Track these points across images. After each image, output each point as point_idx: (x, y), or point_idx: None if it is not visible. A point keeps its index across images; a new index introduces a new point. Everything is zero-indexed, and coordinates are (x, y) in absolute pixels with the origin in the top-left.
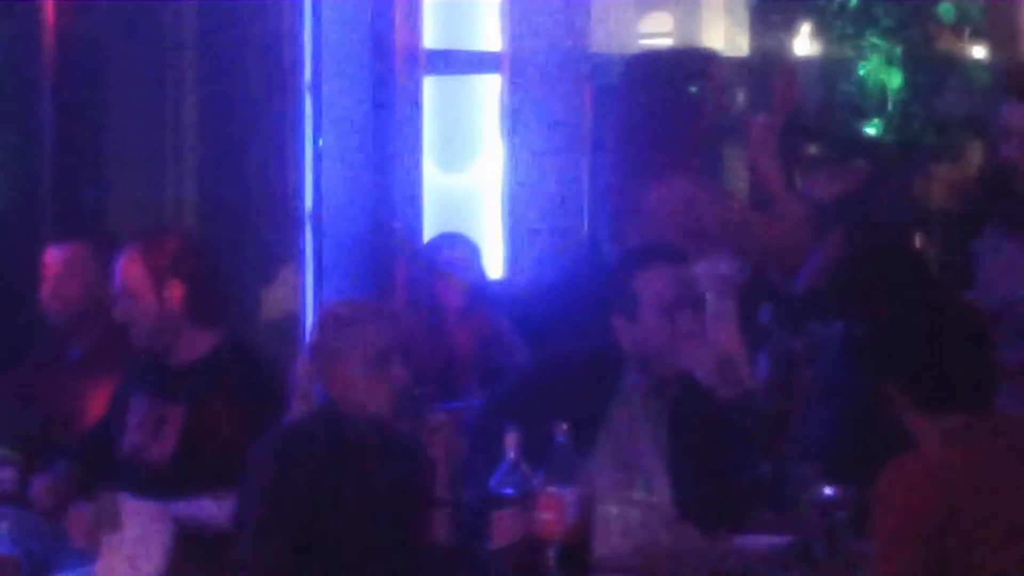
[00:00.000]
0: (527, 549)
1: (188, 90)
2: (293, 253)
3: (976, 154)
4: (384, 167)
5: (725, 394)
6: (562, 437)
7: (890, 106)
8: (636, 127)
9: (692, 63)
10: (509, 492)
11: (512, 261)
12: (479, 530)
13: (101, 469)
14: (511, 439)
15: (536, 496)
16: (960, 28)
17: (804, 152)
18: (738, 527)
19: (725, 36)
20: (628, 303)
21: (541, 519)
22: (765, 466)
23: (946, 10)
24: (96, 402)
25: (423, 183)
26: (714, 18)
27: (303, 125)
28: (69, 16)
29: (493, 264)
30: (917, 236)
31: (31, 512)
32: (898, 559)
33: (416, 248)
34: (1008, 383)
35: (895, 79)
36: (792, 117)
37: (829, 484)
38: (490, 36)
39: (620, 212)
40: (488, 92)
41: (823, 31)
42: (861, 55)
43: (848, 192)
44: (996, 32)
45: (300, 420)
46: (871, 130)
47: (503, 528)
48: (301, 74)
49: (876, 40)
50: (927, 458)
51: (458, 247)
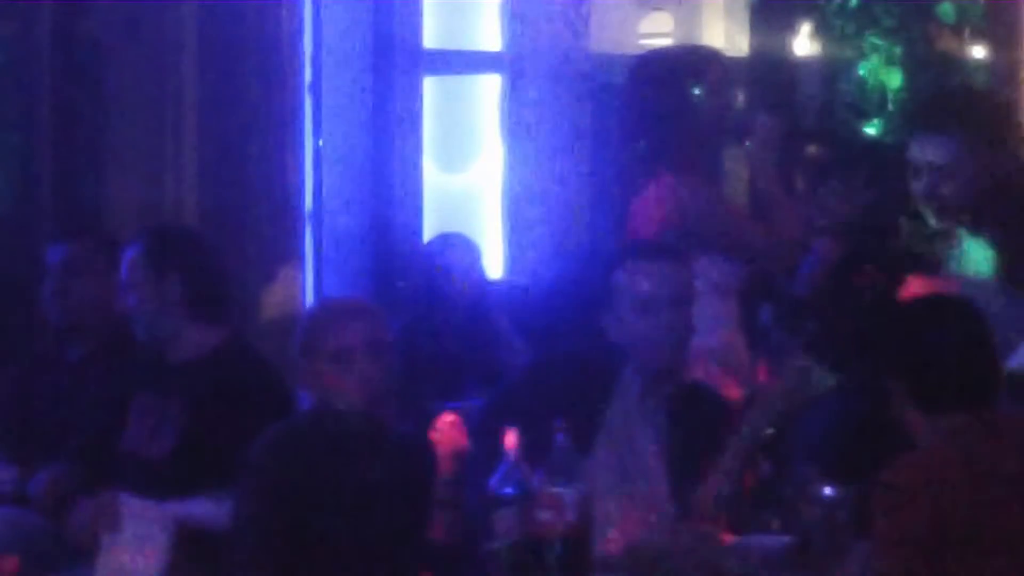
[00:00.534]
0: (527, 549)
1: (188, 90)
2: (293, 253)
3: None
4: (384, 167)
5: (726, 393)
6: (562, 437)
7: (890, 106)
8: (637, 127)
9: (694, 63)
10: (509, 492)
11: (512, 261)
12: (479, 530)
13: (101, 469)
14: (511, 439)
15: (536, 496)
16: (960, 28)
17: (804, 153)
18: (738, 527)
19: (725, 36)
20: (611, 301)
21: (541, 519)
22: (765, 466)
23: (946, 10)
24: (96, 402)
25: (423, 183)
26: (714, 18)
27: (303, 125)
28: (69, 16)
29: (493, 264)
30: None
31: (31, 512)
32: (897, 559)
33: (416, 248)
34: None
35: (895, 79)
36: (793, 118)
37: (829, 484)
38: (490, 36)
39: (620, 212)
40: (488, 92)
41: (823, 31)
42: (861, 55)
43: (856, 216)
44: (996, 32)
45: (295, 419)
46: (871, 130)
47: (503, 528)
48: (301, 74)
49: (876, 40)
50: (926, 458)
51: (458, 247)
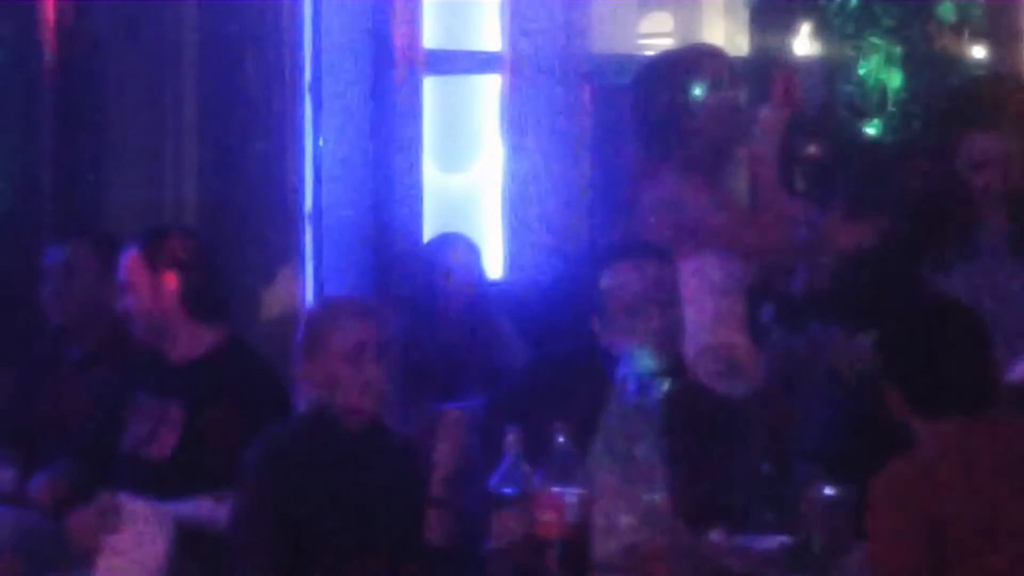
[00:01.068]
0: (527, 549)
1: (188, 90)
2: (293, 253)
3: None
4: (384, 167)
5: (728, 392)
6: (562, 437)
7: (890, 106)
8: (641, 127)
9: (697, 60)
10: (509, 492)
11: (512, 261)
12: (479, 530)
13: (101, 469)
14: (511, 439)
15: (536, 496)
16: (960, 28)
17: (804, 152)
18: (738, 527)
19: (725, 36)
20: (598, 304)
21: (541, 519)
22: (765, 466)
23: (946, 10)
24: (96, 402)
25: (423, 183)
26: (714, 18)
27: (303, 125)
28: (69, 16)
29: (493, 264)
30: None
31: (31, 512)
32: (895, 559)
33: (416, 248)
34: None
35: (895, 79)
36: (793, 116)
37: (829, 484)
38: (490, 36)
39: (619, 212)
40: (488, 92)
41: (823, 31)
42: (861, 55)
43: (867, 245)
44: (996, 32)
45: (293, 420)
46: (871, 130)
47: (503, 528)
48: (301, 74)
49: (876, 40)
50: (924, 459)
51: (458, 247)
